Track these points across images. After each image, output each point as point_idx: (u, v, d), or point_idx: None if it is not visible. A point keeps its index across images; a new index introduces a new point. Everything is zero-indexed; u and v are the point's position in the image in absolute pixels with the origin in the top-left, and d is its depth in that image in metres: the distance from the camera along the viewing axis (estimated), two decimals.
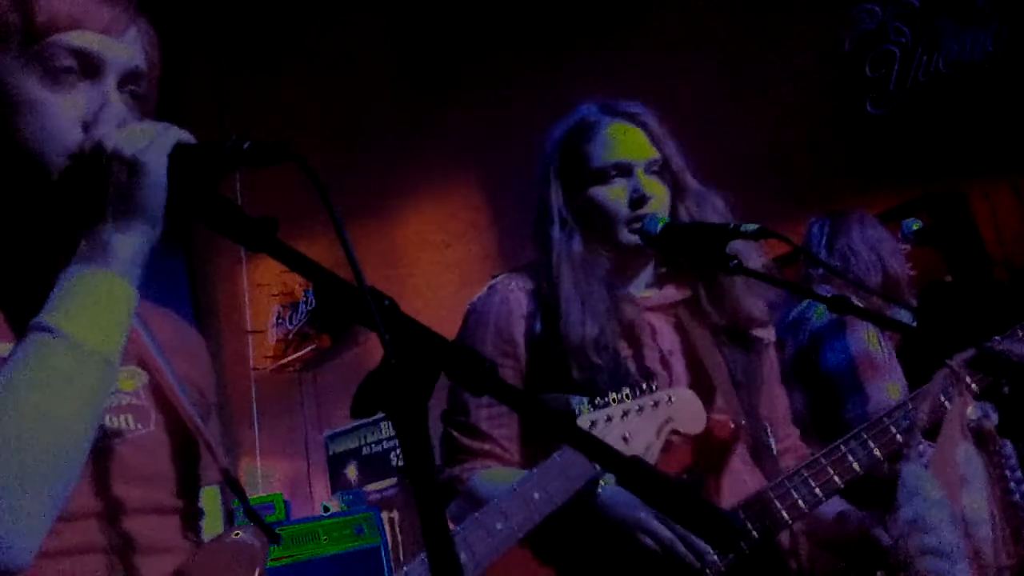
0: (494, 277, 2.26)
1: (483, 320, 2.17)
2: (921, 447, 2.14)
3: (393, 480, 6.72)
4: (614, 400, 1.83)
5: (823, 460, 2.06)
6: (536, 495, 1.69)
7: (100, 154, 1.25)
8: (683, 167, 2.27)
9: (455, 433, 2.12)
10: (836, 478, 2.06)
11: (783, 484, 2.03)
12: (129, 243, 1.24)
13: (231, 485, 1.51)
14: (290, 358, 7.28)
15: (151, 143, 1.24)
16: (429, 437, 0.98)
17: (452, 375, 1.01)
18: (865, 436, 2.11)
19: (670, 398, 1.87)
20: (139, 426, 1.41)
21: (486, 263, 6.20)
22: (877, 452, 2.11)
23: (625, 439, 1.81)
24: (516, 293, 2.18)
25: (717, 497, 2.05)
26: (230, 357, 7.78)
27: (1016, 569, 2.12)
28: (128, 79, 1.37)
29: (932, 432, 2.16)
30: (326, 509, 6.02)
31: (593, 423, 1.79)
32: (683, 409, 1.88)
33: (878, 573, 1.97)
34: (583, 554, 1.94)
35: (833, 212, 3.64)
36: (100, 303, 1.23)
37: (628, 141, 2.23)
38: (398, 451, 6.76)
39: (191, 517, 1.48)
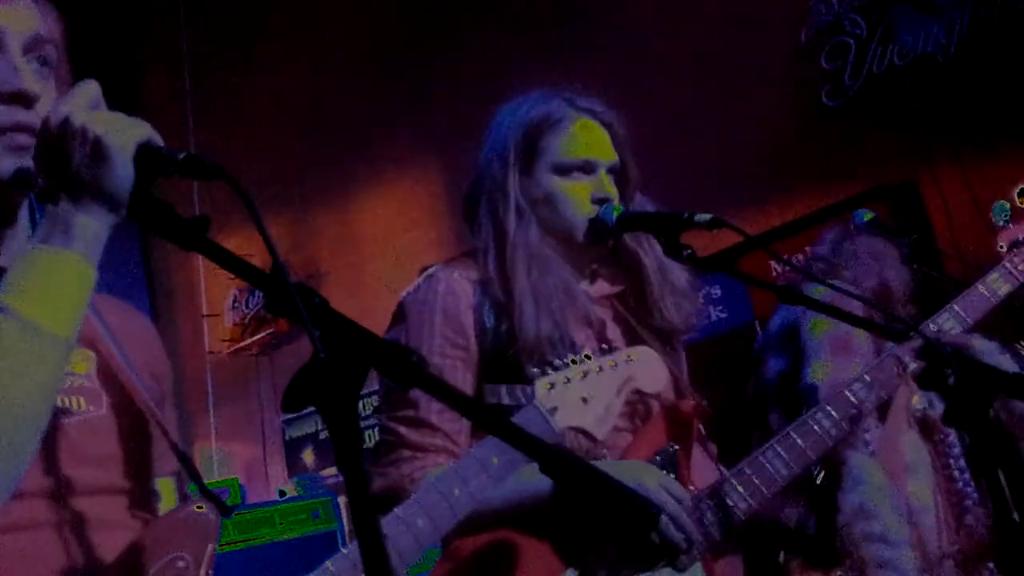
0: (425, 268, 2.19)
1: (428, 311, 2.08)
2: (867, 435, 2.16)
3: None
4: (573, 362, 1.80)
5: (747, 470, 2.06)
6: (495, 459, 1.65)
7: (65, 131, 1.22)
8: (636, 178, 2.27)
9: (402, 429, 2.03)
10: (763, 487, 2.05)
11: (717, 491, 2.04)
12: (91, 224, 1.23)
13: (183, 462, 1.50)
14: (247, 342, 7.24)
15: (122, 130, 1.22)
16: (360, 431, 0.99)
17: (381, 369, 1.01)
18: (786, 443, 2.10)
19: (629, 357, 1.84)
20: (90, 408, 1.41)
21: (445, 248, 6.19)
22: (808, 455, 2.10)
23: (584, 400, 1.78)
24: (461, 283, 2.11)
25: (688, 476, 2.05)
26: (186, 340, 7.72)
27: (958, 555, 2.16)
28: (32, 45, 1.35)
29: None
30: (282, 494, 6.00)
31: (552, 385, 1.76)
32: (643, 367, 1.86)
33: (781, 553, 1.97)
34: (575, 529, 1.91)
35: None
36: (58, 284, 1.22)
37: (595, 141, 2.21)
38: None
39: (142, 498, 1.48)
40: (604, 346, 1.88)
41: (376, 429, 2.13)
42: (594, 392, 1.79)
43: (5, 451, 1.16)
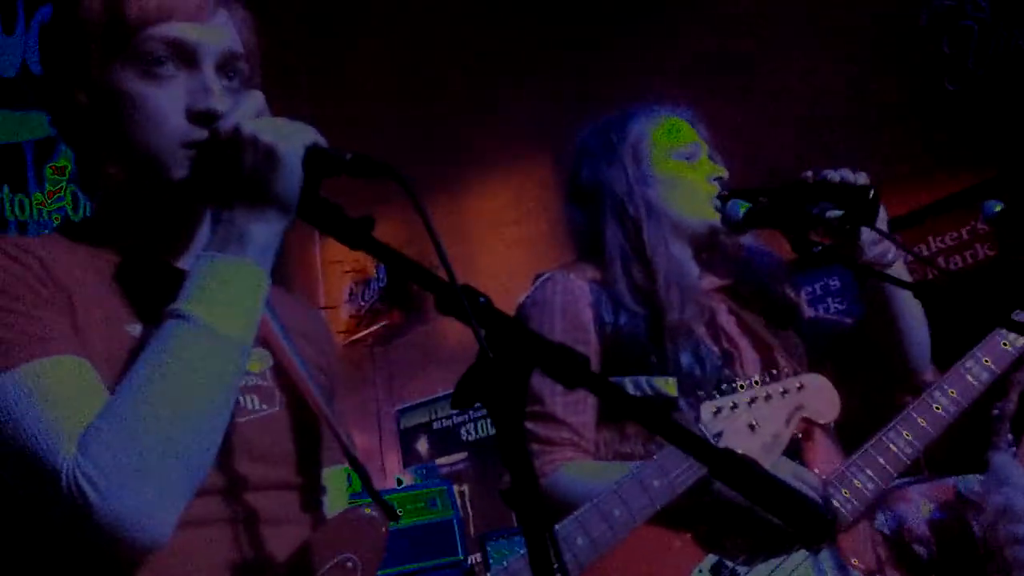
0: (539, 275, 2.24)
1: (548, 311, 2.14)
2: (1009, 436, 2.12)
3: (463, 454, 6.79)
4: (741, 387, 1.80)
5: (871, 451, 2.06)
6: (656, 483, 1.67)
7: (237, 140, 1.28)
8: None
9: (529, 424, 2.06)
10: (888, 466, 2.05)
11: (845, 474, 2.04)
12: (264, 231, 1.28)
13: (353, 464, 1.55)
14: (362, 333, 7.37)
15: (290, 135, 1.27)
16: (525, 428, 1.01)
17: (546, 368, 1.03)
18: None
19: (800, 385, 1.83)
20: (264, 406, 1.46)
21: (554, 241, 6.20)
22: (929, 432, 2.09)
23: (752, 427, 1.78)
24: (577, 282, 2.16)
25: (813, 459, 2.06)
26: None
27: None
28: (225, 63, 1.41)
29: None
30: (399, 482, 6.11)
31: (718, 410, 1.77)
32: (814, 396, 1.84)
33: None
34: (718, 523, 1.94)
35: None
36: (235, 291, 1.27)
37: (688, 131, 2.31)
38: (468, 425, 6.83)
39: (312, 494, 1.52)
40: (773, 371, 1.88)
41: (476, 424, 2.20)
42: (762, 420, 1.78)
43: (193, 450, 1.21)
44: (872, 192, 2.07)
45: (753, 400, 1.78)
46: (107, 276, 1.39)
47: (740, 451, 1.73)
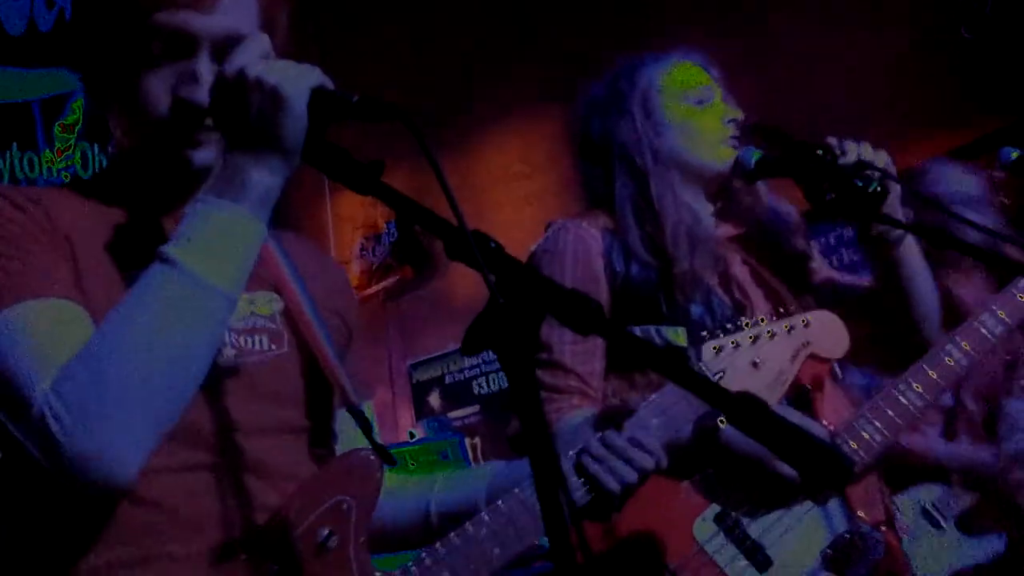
0: (551, 223, 2.23)
1: (558, 259, 2.13)
2: (1022, 383, 2.11)
3: (475, 407, 6.82)
4: (746, 325, 1.77)
5: (881, 403, 2.04)
6: (655, 421, 1.67)
7: (241, 82, 1.27)
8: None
9: (537, 372, 2.06)
10: (897, 419, 2.03)
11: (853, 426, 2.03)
12: (265, 178, 1.27)
13: (353, 414, 1.55)
14: (373, 289, 7.37)
15: (296, 76, 1.26)
16: (536, 374, 1.01)
17: (558, 315, 1.02)
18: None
19: (806, 322, 1.78)
20: (273, 347, 1.46)
21: (567, 195, 6.15)
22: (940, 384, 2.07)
23: (755, 364, 1.74)
24: (589, 231, 2.15)
25: (821, 411, 2.04)
26: None
27: None
28: (225, 47, 1.38)
29: None
30: (412, 435, 6.14)
31: (720, 349, 1.75)
32: (822, 331, 1.79)
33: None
34: (722, 473, 1.94)
35: None
36: (226, 239, 1.27)
37: (701, 74, 2.27)
38: (480, 379, 6.85)
39: (321, 437, 1.53)
40: (780, 310, 1.86)
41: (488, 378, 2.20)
42: (765, 357, 1.75)
43: (162, 394, 1.21)
44: (876, 186, 2.03)
45: (756, 338, 1.75)
46: (112, 231, 1.40)
47: (743, 389, 1.75)
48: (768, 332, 1.77)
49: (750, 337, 1.76)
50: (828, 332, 1.81)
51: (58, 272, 1.30)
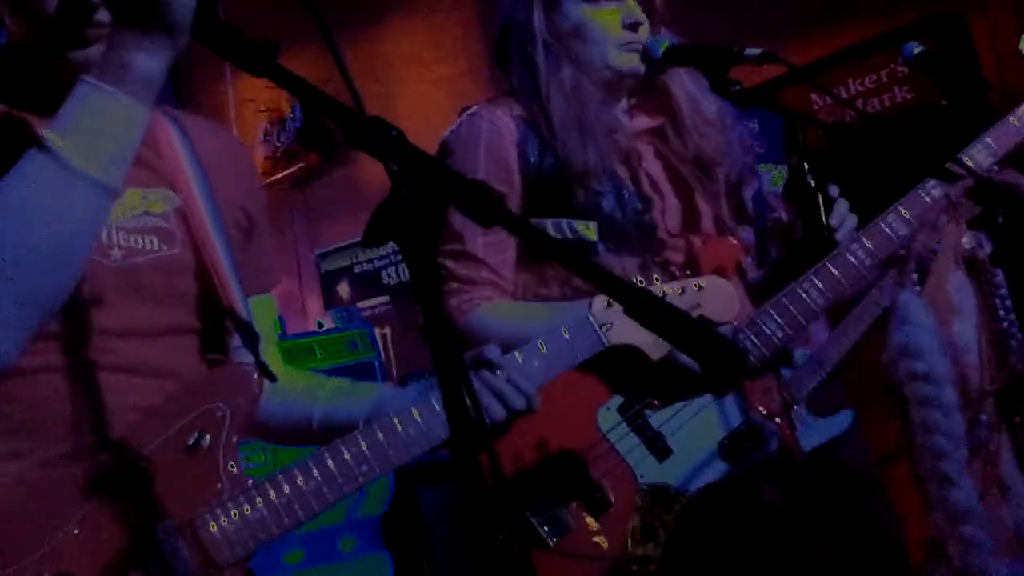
0: (465, 108, 2.19)
1: (471, 148, 2.10)
2: (913, 275, 2.17)
3: (385, 298, 6.80)
4: (639, 282, 1.81)
5: (784, 300, 2.08)
6: (535, 363, 1.69)
7: None
8: (664, 9, 2.24)
9: (449, 263, 2.05)
10: (800, 316, 2.08)
11: (755, 322, 2.06)
12: (148, 63, 1.22)
13: (240, 329, 1.52)
14: (279, 175, 7.21)
15: None
16: (438, 266, 1.00)
17: (461, 206, 1.01)
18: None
19: (699, 285, 1.84)
20: (163, 247, 1.43)
21: (475, 80, 6.08)
22: (843, 284, 2.11)
23: None
24: (503, 120, 2.11)
25: None
26: None
27: (999, 394, 2.20)
28: None
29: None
30: (320, 325, 6.12)
31: (610, 303, 1.77)
32: (713, 296, 1.85)
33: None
34: (625, 366, 1.95)
35: None
36: (104, 125, 1.22)
37: None
38: (389, 269, 6.82)
39: (213, 337, 1.52)
40: (673, 270, 1.88)
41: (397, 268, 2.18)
42: None
43: (27, 293, 1.19)
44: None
45: None
46: None
47: (629, 341, 1.78)
48: (661, 292, 1.82)
49: None
50: (719, 298, 1.86)
51: None
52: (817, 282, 2.08)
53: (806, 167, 2.08)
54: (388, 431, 1.49)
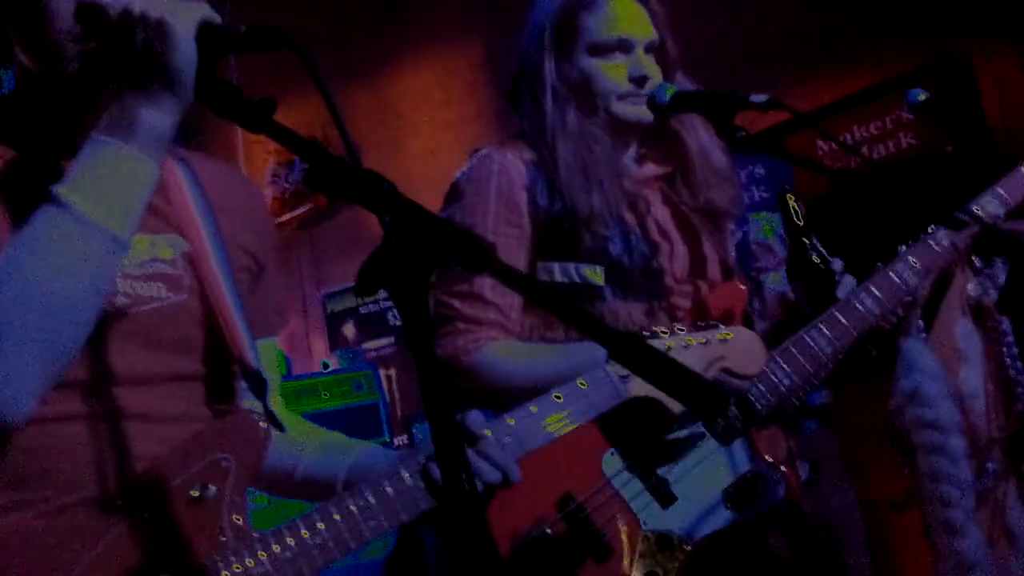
0: (477, 149, 2.20)
1: (482, 190, 2.11)
2: (920, 323, 2.15)
3: (390, 339, 6.80)
4: (662, 333, 1.79)
5: (792, 348, 2.06)
6: (507, 439, 1.61)
7: (127, 19, 1.24)
8: (676, 56, 2.26)
9: (456, 303, 2.07)
10: (807, 364, 2.06)
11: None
12: (155, 117, 1.24)
13: (247, 377, 1.51)
14: (287, 216, 7.24)
15: (182, 11, 1.23)
16: (430, 313, 1.00)
17: (451, 255, 1.02)
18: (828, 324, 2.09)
19: (724, 337, 1.83)
20: (170, 295, 1.43)
21: (485, 123, 6.12)
22: (852, 332, 2.09)
23: None
24: (515, 162, 2.12)
25: None
26: None
27: (1006, 442, 2.18)
28: None
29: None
30: (325, 366, 6.12)
31: None
32: (739, 349, 1.84)
33: None
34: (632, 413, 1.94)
35: None
36: (115, 179, 1.24)
37: (632, 17, 2.19)
38: (395, 310, 6.81)
39: (219, 384, 1.51)
40: (700, 323, 1.88)
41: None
42: None
43: (48, 338, 1.19)
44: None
45: (670, 349, 1.78)
46: (2, 174, 1.36)
47: (649, 394, 1.74)
48: (683, 344, 1.80)
49: (666, 346, 1.78)
50: (745, 350, 1.86)
51: None
52: (825, 330, 2.07)
53: (807, 244, 2.08)
54: (396, 484, 1.47)
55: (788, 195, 2.12)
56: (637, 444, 1.96)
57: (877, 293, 2.11)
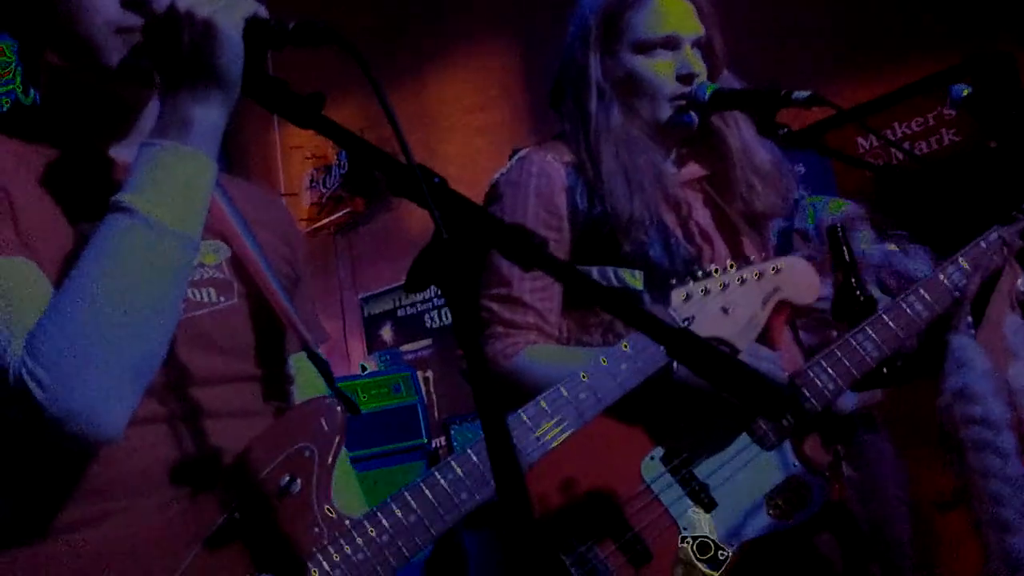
0: (516, 150, 2.18)
1: (521, 192, 2.08)
2: (968, 319, 2.12)
3: (428, 341, 6.82)
4: (715, 271, 1.76)
5: (838, 352, 2.03)
6: (623, 366, 1.65)
7: (173, 17, 1.23)
8: (723, 53, 2.22)
9: (495, 306, 2.03)
10: (853, 369, 2.03)
11: (806, 373, 2.01)
12: (207, 114, 1.24)
13: (312, 358, 1.53)
14: (324, 221, 7.29)
15: (228, 7, 1.22)
16: (480, 310, 1.00)
17: (503, 250, 1.01)
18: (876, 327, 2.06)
19: (776, 268, 1.78)
20: (221, 298, 1.44)
21: (520, 127, 6.12)
22: (900, 336, 2.06)
23: (725, 310, 1.74)
24: (554, 165, 2.10)
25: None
26: None
27: None
28: None
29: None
30: (363, 369, 6.14)
31: (688, 296, 1.74)
32: (792, 278, 1.80)
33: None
34: (671, 416, 1.93)
35: None
36: (178, 180, 1.24)
37: (678, 14, 2.15)
38: (432, 312, 6.84)
39: (275, 384, 1.51)
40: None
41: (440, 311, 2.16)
42: (735, 303, 1.74)
43: (139, 348, 1.20)
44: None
45: (726, 285, 1.75)
46: (48, 172, 1.36)
47: (713, 333, 1.74)
48: (739, 279, 1.77)
49: (720, 284, 1.76)
50: (798, 278, 1.82)
51: (3, 230, 1.26)
52: (872, 334, 2.03)
53: (854, 282, 2.05)
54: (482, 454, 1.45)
55: (838, 230, 2.09)
56: (677, 447, 1.94)
57: (927, 296, 2.08)
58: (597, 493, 1.89)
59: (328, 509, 1.37)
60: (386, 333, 7.07)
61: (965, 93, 3.21)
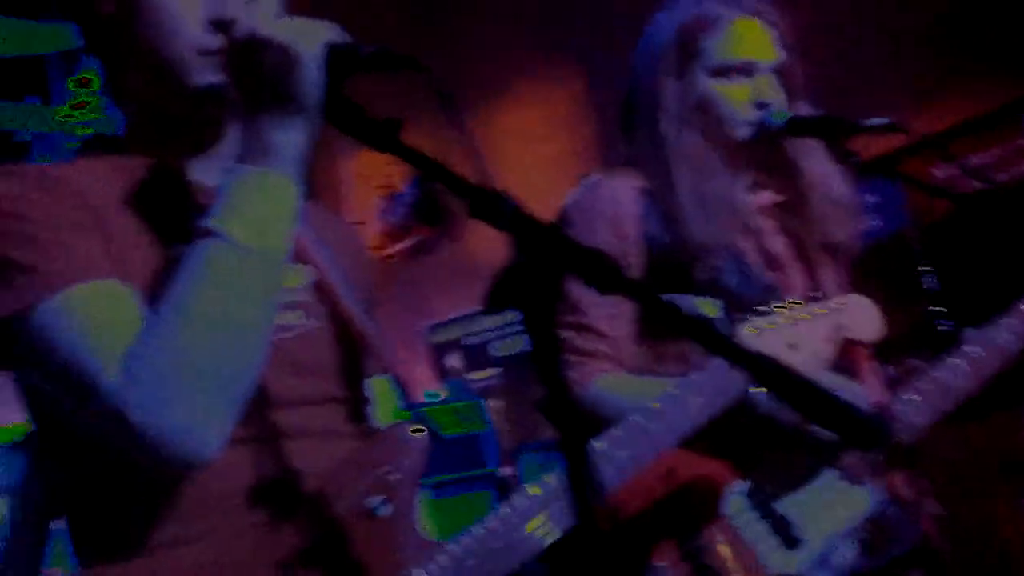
0: (584, 177, 2.15)
1: (592, 218, 2.05)
2: None
3: (495, 370, 6.82)
4: (782, 307, 1.77)
5: (927, 384, 1.99)
6: (698, 400, 1.65)
7: (253, 43, 1.25)
8: (801, 80, 2.17)
9: (568, 334, 2.01)
10: (943, 402, 1.98)
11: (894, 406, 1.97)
12: (290, 139, 1.25)
13: (392, 381, 1.55)
14: (392, 249, 7.36)
15: (308, 33, 1.23)
16: (557, 333, 0.99)
17: (580, 273, 1.00)
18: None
19: (841, 305, 1.79)
20: (308, 320, 1.46)
21: (585, 158, 6.12)
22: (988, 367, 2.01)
23: (791, 346, 1.74)
24: (625, 190, 2.07)
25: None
26: None
27: None
28: None
29: None
30: (433, 396, 6.17)
31: (758, 331, 1.74)
32: (855, 315, 1.80)
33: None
34: (755, 450, 1.90)
35: None
36: (265, 204, 1.25)
37: (755, 41, 2.11)
38: (496, 342, 6.85)
39: (357, 406, 1.53)
40: (815, 294, 1.85)
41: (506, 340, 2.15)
42: (802, 339, 1.75)
43: (236, 369, 1.22)
44: None
45: (792, 321, 1.75)
46: (134, 194, 1.38)
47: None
48: (806, 315, 1.77)
49: (788, 320, 1.76)
50: (862, 316, 1.81)
51: (97, 252, 1.28)
52: (961, 365, 1.99)
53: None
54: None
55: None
56: (761, 482, 1.90)
57: (1018, 327, 2.04)
58: (678, 526, 1.86)
59: (416, 532, 1.39)
60: (453, 361, 7.09)
61: None
